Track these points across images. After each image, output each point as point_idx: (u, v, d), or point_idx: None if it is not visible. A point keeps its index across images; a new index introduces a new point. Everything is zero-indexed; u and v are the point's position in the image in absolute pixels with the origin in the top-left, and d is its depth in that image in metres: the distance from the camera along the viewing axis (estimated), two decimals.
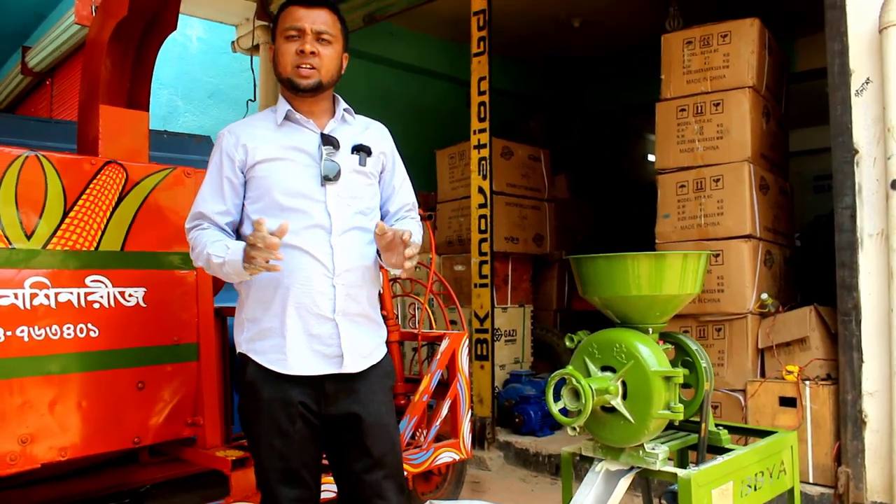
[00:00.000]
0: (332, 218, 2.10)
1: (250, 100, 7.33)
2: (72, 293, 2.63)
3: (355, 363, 2.14)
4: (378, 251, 2.16)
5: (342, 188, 2.14)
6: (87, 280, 2.68)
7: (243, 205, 2.17)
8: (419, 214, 2.45)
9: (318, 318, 2.09)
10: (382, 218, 2.31)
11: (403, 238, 2.00)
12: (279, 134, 2.15)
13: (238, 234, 2.19)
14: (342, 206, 2.13)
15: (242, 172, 2.14)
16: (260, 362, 2.12)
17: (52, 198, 2.60)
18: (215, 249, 2.04)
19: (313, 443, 2.16)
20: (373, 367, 2.21)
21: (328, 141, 2.15)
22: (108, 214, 2.74)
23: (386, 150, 2.31)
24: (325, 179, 2.11)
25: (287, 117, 2.16)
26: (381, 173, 2.30)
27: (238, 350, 2.19)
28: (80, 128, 3.11)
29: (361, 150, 2.20)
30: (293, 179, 2.10)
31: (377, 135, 2.31)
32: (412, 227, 2.28)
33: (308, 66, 2.11)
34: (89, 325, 2.66)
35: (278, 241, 1.87)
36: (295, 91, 2.14)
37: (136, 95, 3.18)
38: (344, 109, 2.25)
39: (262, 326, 2.12)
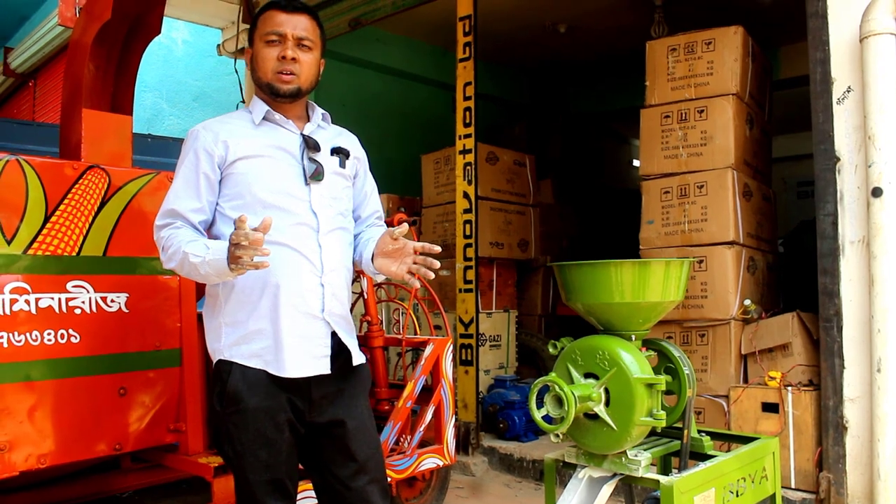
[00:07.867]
0: (319, 217, 2.10)
1: (240, 102, 7.29)
2: (53, 298, 2.61)
3: (358, 357, 2.16)
4: (362, 258, 2.20)
5: (325, 188, 2.14)
6: (69, 285, 2.66)
7: (216, 204, 2.11)
8: (405, 220, 2.47)
9: (308, 317, 2.06)
10: (354, 223, 2.32)
11: (425, 247, 2.01)
12: (259, 133, 2.12)
13: (209, 235, 2.12)
14: (325, 206, 2.12)
15: (220, 169, 2.08)
16: (250, 366, 2.03)
17: (33, 202, 2.58)
18: (193, 249, 1.93)
19: (296, 451, 2.12)
20: (355, 371, 2.19)
21: (309, 142, 2.14)
22: (90, 219, 2.72)
23: (360, 157, 2.34)
24: (311, 179, 2.09)
25: (265, 118, 2.14)
26: (354, 178, 2.30)
27: (217, 357, 2.08)
28: (62, 132, 3.09)
29: (340, 153, 2.21)
30: (277, 177, 2.08)
31: (350, 141, 2.33)
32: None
33: (289, 72, 2.10)
34: (70, 331, 2.64)
35: (262, 236, 1.80)
36: (274, 96, 2.14)
37: (120, 99, 3.16)
38: (322, 114, 2.26)
39: (247, 329, 2.04)
